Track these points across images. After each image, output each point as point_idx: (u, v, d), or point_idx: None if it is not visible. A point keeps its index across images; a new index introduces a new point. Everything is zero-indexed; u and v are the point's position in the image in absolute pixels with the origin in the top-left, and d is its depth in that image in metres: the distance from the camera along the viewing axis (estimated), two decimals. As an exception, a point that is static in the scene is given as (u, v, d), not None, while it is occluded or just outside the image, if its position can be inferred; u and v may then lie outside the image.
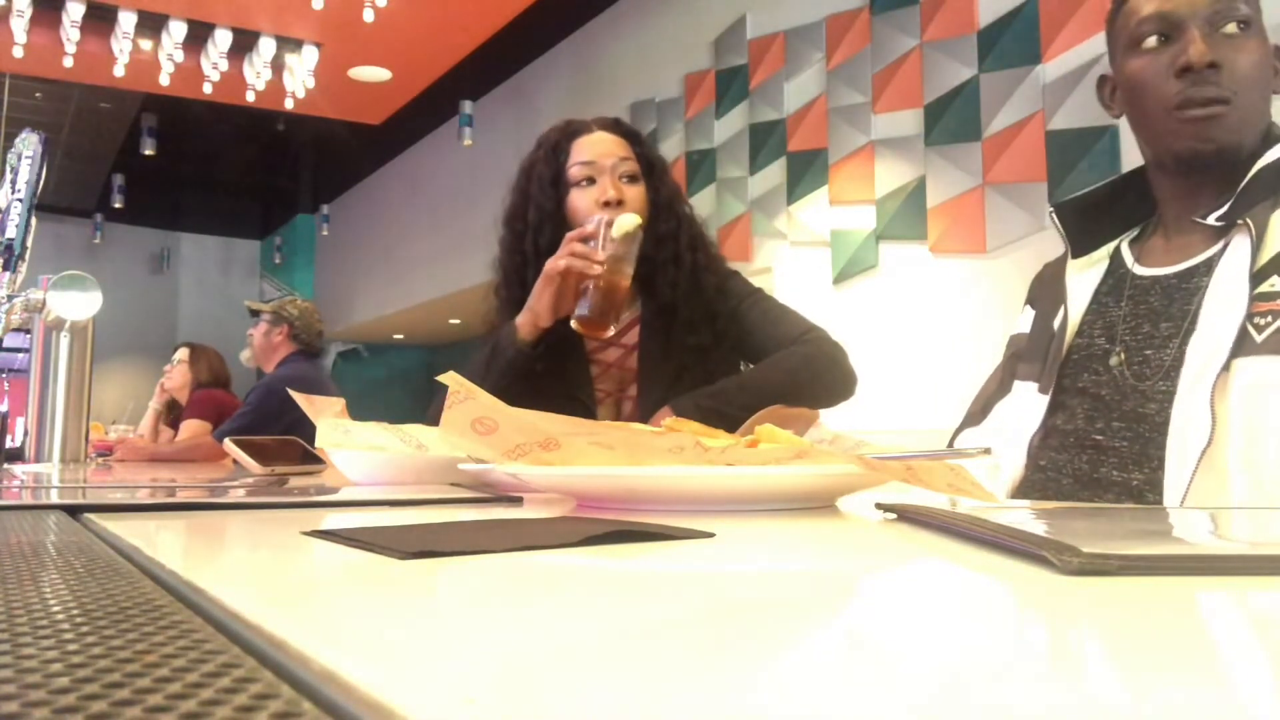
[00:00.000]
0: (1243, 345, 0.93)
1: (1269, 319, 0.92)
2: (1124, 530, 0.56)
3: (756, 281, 1.60)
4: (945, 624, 0.33)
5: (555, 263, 1.35)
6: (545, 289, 1.36)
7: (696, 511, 0.69)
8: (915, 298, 3.81)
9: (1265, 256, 0.95)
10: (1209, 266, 1.01)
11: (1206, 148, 1.02)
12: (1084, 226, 1.16)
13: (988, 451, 1.04)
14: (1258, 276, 0.95)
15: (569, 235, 1.36)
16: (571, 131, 1.51)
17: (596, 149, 1.48)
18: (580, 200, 1.46)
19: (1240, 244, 0.98)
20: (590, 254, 1.33)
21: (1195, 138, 1.03)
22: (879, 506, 0.67)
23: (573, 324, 1.36)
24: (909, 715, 0.20)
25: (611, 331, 1.44)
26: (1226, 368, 0.93)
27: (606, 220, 1.35)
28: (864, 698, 0.22)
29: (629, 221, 1.35)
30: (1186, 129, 1.03)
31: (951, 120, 3.74)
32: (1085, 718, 0.20)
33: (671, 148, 5.03)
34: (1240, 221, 0.98)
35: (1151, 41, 1.05)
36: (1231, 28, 1.02)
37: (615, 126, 1.53)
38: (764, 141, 4.55)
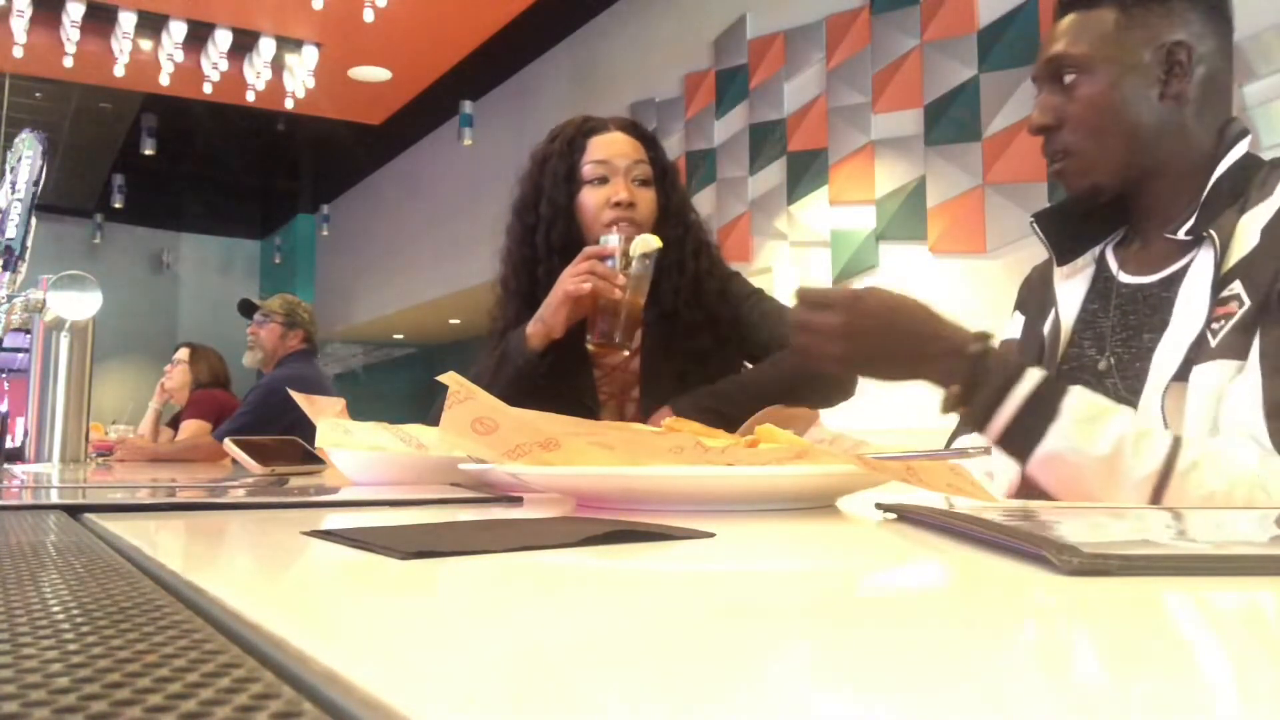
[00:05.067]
0: (1200, 351, 0.93)
1: (1223, 323, 0.93)
2: (1124, 530, 0.56)
3: (756, 281, 1.60)
4: (945, 624, 0.33)
5: (578, 285, 1.33)
6: (562, 306, 1.35)
7: (696, 511, 0.69)
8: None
9: (1229, 264, 0.95)
10: (1183, 275, 1.01)
11: (1070, 196, 1.10)
12: (1066, 234, 1.16)
13: (988, 451, 1.04)
14: (1220, 284, 0.95)
15: (587, 251, 1.35)
16: (589, 128, 1.51)
17: (611, 149, 1.47)
18: (591, 198, 1.46)
19: (1205, 257, 0.98)
20: (612, 277, 1.32)
21: (1063, 187, 1.11)
22: (879, 506, 0.67)
23: (589, 346, 1.36)
24: (909, 716, 0.20)
25: (627, 353, 1.44)
26: (1183, 376, 0.94)
27: (626, 240, 1.34)
28: (864, 698, 0.22)
29: (649, 243, 1.35)
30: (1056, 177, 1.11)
31: (951, 120, 3.74)
32: (1085, 717, 0.20)
33: (672, 148, 5.03)
34: (1205, 234, 0.98)
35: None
36: (1067, 78, 1.06)
37: (632, 128, 1.53)
38: (764, 141, 4.55)
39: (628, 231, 1.37)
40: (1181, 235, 1.00)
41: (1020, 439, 0.90)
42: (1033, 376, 0.91)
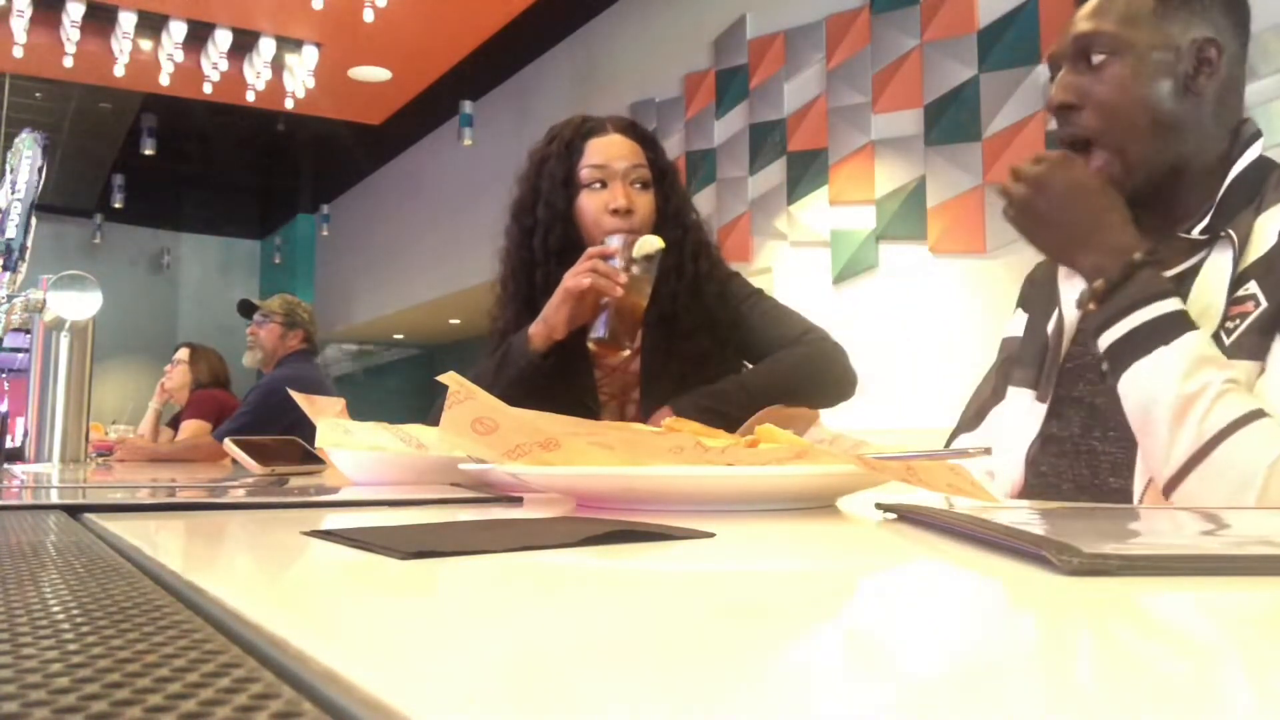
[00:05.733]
0: None
1: (1238, 322, 0.92)
2: (1124, 530, 0.56)
3: (756, 281, 1.60)
4: (945, 624, 0.33)
5: (579, 280, 1.33)
6: (563, 305, 1.35)
7: (696, 511, 0.69)
8: (915, 298, 3.81)
9: (1244, 263, 0.95)
10: (1194, 273, 1.01)
11: None
12: None
13: (988, 451, 1.03)
14: (1236, 283, 0.94)
15: (590, 251, 1.35)
16: (587, 130, 1.49)
17: (609, 152, 1.46)
18: (589, 203, 1.45)
19: (1221, 256, 0.97)
20: (613, 274, 1.32)
21: None
22: (879, 506, 0.67)
23: (589, 344, 1.36)
24: (909, 715, 0.20)
25: (627, 352, 1.43)
26: None
27: (629, 240, 1.34)
28: (864, 698, 0.22)
29: (652, 244, 1.35)
30: None
31: (951, 120, 3.74)
32: (1084, 718, 0.20)
33: (672, 148, 5.02)
34: (1223, 234, 0.97)
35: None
36: (1096, 58, 1.03)
37: (631, 130, 1.51)
38: (764, 141, 4.55)
39: (629, 236, 1.38)
40: (1196, 234, 1.00)
41: (1128, 350, 0.93)
42: (1170, 304, 0.93)
